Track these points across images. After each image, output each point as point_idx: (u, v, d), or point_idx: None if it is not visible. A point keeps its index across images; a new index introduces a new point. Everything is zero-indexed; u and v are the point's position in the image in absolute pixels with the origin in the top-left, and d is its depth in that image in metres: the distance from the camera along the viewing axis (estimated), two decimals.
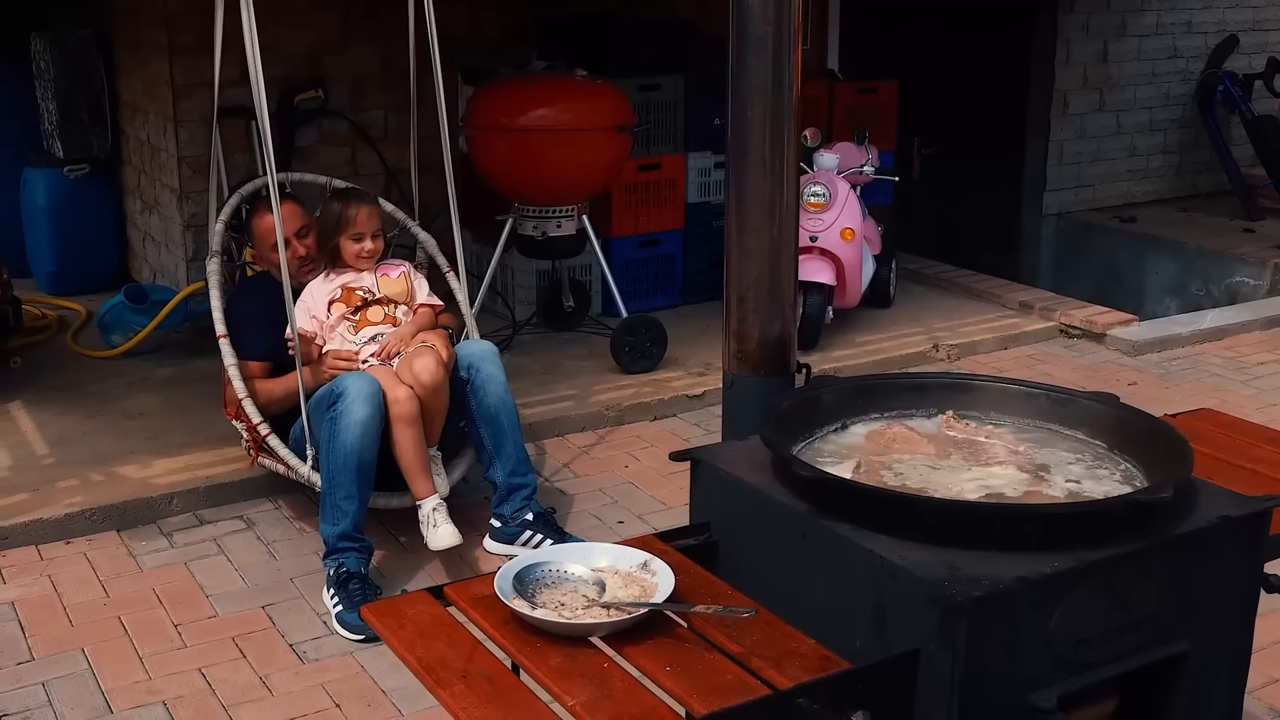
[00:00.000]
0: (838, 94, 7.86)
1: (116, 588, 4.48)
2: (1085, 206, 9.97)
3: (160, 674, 3.95)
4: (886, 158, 7.68)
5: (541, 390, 6.14)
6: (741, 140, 2.84)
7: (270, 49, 6.73)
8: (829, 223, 6.63)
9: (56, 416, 5.74)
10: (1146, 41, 9.97)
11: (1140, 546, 2.22)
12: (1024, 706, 2.16)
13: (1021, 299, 7.54)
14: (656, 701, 2.01)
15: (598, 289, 7.13)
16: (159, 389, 6.11)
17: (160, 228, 7.15)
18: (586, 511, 5.05)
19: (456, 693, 2.02)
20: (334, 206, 4.73)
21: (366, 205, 4.74)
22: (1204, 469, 2.83)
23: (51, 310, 7.15)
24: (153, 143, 7.05)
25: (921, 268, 8.12)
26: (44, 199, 7.41)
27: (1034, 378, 6.37)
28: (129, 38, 7.23)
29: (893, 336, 7.00)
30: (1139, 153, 10.20)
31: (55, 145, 7.41)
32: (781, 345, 2.90)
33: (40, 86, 7.47)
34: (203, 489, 5.06)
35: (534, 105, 6.24)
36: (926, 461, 2.56)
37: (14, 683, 3.90)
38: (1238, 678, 2.49)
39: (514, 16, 7.42)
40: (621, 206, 7.10)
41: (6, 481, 5.08)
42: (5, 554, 4.67)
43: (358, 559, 4.33)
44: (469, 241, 7.41)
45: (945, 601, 2.04)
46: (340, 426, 4.28)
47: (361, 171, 7.04)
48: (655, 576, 2.31)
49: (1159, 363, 6.84)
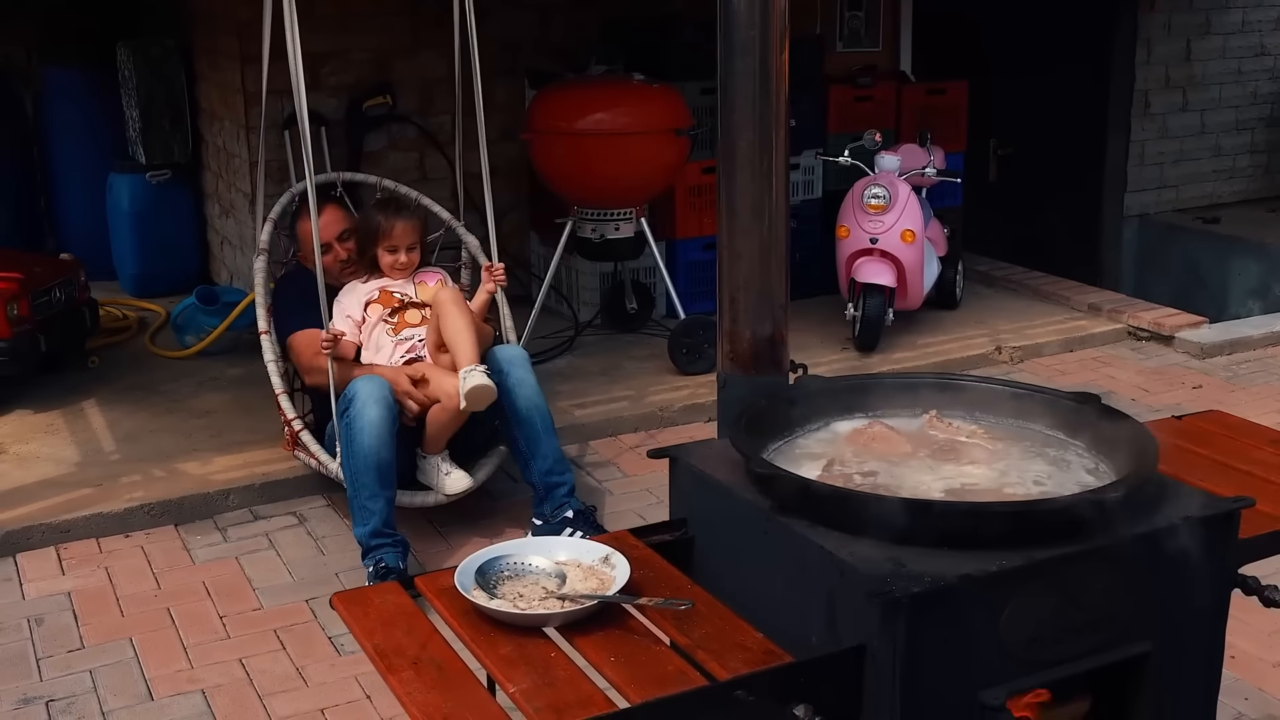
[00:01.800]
0: (906, 95, 7.83)
1: (168, 580, 4.62)
2: (1168, 207, 9.83)
3: (202, 663, 4.08)
4: (955, 159, 7.64)
5: (598, 391, 6.21)
6: (730, 143, 2.87)
7: (339, 56, 6.94)
8: (889, 224, 6.62)
9: (127, 415, 5.93)
10: (1232, 39, 9.81)
11: (1093, 546, 2.23)
12: (974, 704, 2.18)
13: (1090, 301, 7.47)
14: (595, 690, 2.06)
15: (661, 291, 7.18)
16: (227, 388, 6.27)
17: (235, 231, 7.34)
18: (630, 510, 5.10)
19: (405, 679, 2.09)
20: (374, 216, 4.85)
21: (403, 220, 4.84)
22: (1199, 470, 2.84)
23: (132, 312, 7.37)
24: (228, 148, 7.24)
25: (991, 269, 8.07)
26: (127, 203, 7.64)
27: (1097, 381, 6.37)
28: (206, 46, 7.44)
29: (956, 338, 6.97)
30: (1224, 152, 10.03)
31: (139, 151, 7.63)
32: (772, 345, 2.93)
33: (125, 94, 7.69)
34: (258, 485, 5.20)
35: (590, 109, 6.31)
36: (900, 460, 2.58)
37: (63, 669, 4.05)
38: (1210, 680, 2.49)
39: (581, 21, 7.50)
40: (685, 208, 7.15)
41: (73, 477, 5.26)
42: (67, 546, 4.85)
43: (394, 554, 4.44)
44: (536, 244, 7.53)
45: (884, 598, 2.07)
46: (355, 430, 4.40)
47: (430, 176, 7.17)
48: (615, 570, 2.36)
49: (1227, 365, 6.74)
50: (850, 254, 6.70)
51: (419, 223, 4.93)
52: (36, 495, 5.08)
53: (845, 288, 6.81)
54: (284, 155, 6.47)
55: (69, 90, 7.97)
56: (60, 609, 4.41)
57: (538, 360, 6.33)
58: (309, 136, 4.54)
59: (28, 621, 4.32)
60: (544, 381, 4.95)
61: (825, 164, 7.32)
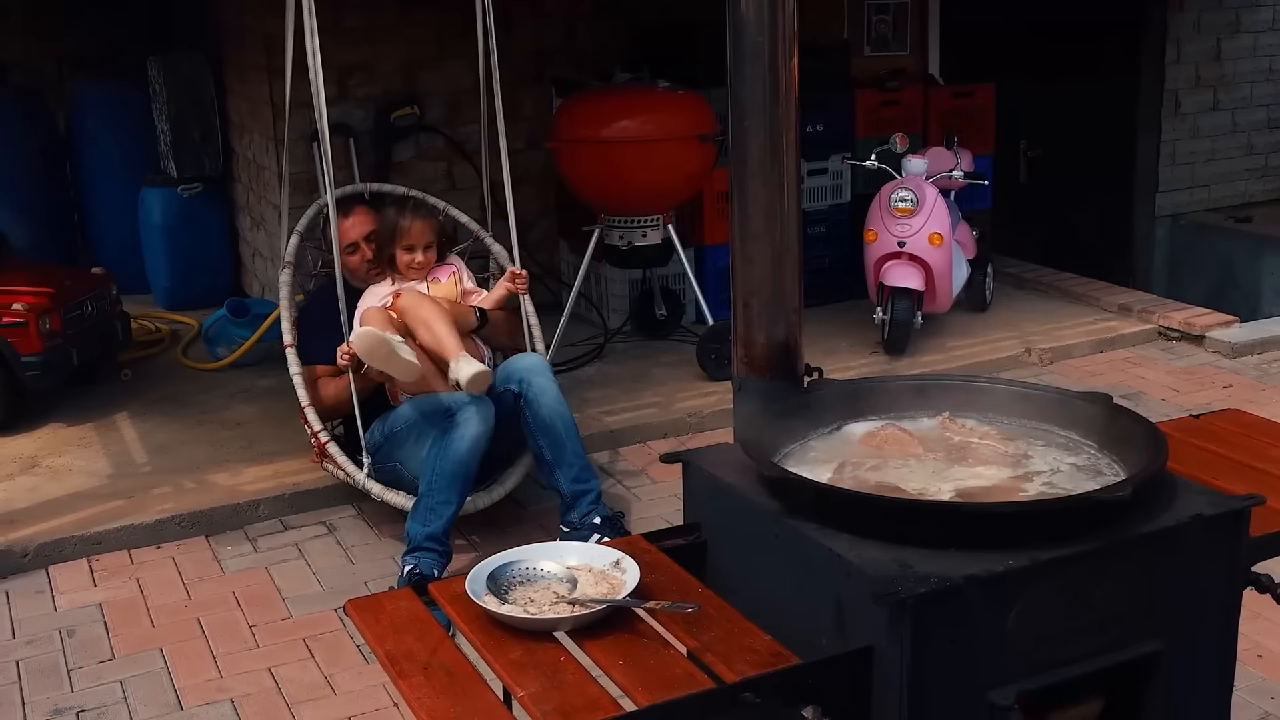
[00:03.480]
0: (933, 99, 7.81)
1: (199, 590, 4.66)
2: (1200, 207, 9.78)
3: (231, 673, 4.12)
4: (984, 161, 7.62)
5: (627, 398, 6.22)
6: (741, 149, 2.90)
7: (366, 67, 6.99)
8: (916, 228, 6.61)
9: (158, 427, 5.98)
10: (1262, 37, 9.75)
11: (1100, 545, 2.22)
12: (983, 704, 2.19)
13: (1121, 301, 7.43)
14: (602, 693, 2.07)
15: (690, 297, 7.19)
16: (258, 399, 6.32)
17: (267, 243, 7.39)
18: (658, 516, 5.11)
19: (415, 683, 2.11)
20: (391, 215, 4.89)
21: (420, 219, 4.89)
22: (1214, 469, 2.83)
23: (165, 325, 7.43)
24: (258, 161, 7.30)
25: (1021, 271, 8.04)
26: (159, 217, 7.71)
27: (1127, 382, 6.34)
28: (235, 60, 7.50)
29: (985, 341, 6.95)
30: (1257, 151, 9.97)
31: (170, 165, 7.69)
32: (786, 349, 2.94)
33: (156, 108, 7.76)
34: (288, 495, 5.24)
35: (615, 117, 6.33)
36: (911, 462, 2.58)
37: (94, 680, 4.09)
38: (1224, 678, 2.48)
39: (608, 29, 7.52)
40: (714, 214, 7.15)
41: (104, 489, 5.32)
42: (98, 558, 4.90)
43: (434, 562, 4.48)
44: (565, 252, 7.56)
45: (890, 599, 2.07)
46: (456, 436, 4.46)
47: (459, 185, 7.20)
48: (625, 574, 2.37)
49: (1258, 365, 6.69)
50: (878, 258, 6.70)
51: (434, 223, 4.95)
52: (68, 508, 5.13)
53: (874, 291, 6.80)
54: (312, 168, 6.52)
55: (100, 105, 8.05)
56: (92, 620, 4.46)
57: (567, 368, 6.37)
58: (329, 147, 4.57)
59: (59, 633, 4.37)
60: (573, 389, 4.97)
61: (853, 168, 7.31)
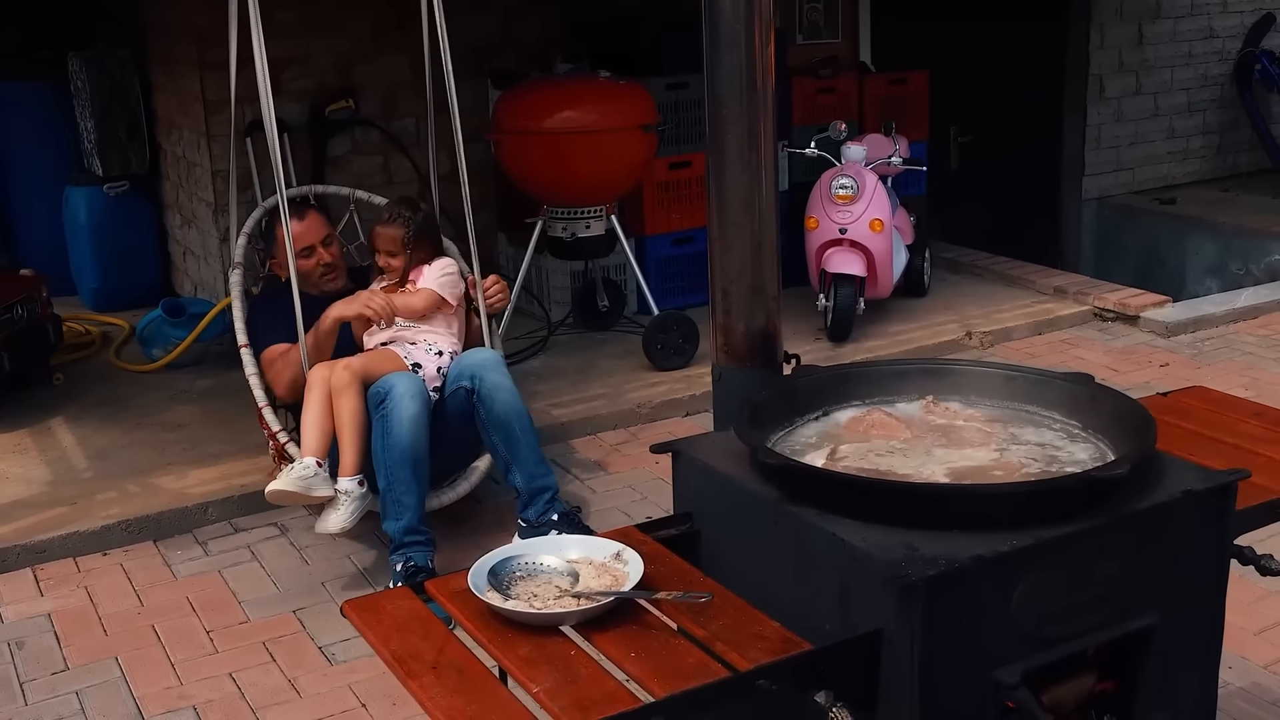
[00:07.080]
0: (868, 86, 7.86)
1: (151, 597, 4.58)
2: (1125, 190, 9.92)
3: (191, 679, 4.04)
4: (919, 148, 7.67)
5: (574, 390, 6.21)
6: (718, 137, 2.87)
7: (301, 61, 6.89)
8: (858, 214, 6.65)
9: (96, 431, 5.87)
10: (1182, 22, 9.91)
11: (1099, 523, 2.24)
12: (989, 683, 2.19)
13: (1056, 284, 7.53)
14: (618, 686, 2.05)
15: (632, 288, 7.18)
16: (198, 400, 6.22)
17: (198, 241, 7.28)
18: (615, 508, 5.10)
19: (425, 683, 2.08)
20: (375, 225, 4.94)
21: (382, 227, 4.89)
22: (1188, 445, 2.86)
23: (95, 327, 7.30)
24: (188, 158, 7.18)
25: (958, 256, 8.12)
26: (85, 217, 7.56)
27: (1067, 362, 6.42)
28: (163, 54, 7.37)
29: (926, 326, 7.01)
30: (1178, 134, 10.14)
31: (95, 163, 7.55)
32: (766, 337, 2.94)
33: (79, 106, 7.61)
34: (237, 497, 5.16)
35: (557, 108, 6.31)
36: (901, 446, 2.59)
37: (48, 692, 4.00)
38: (1211, 649, 2.51)
39: (546, 21, 7.49)
40: (654, 205, 7.16)
41: (45, 496, 5.20)
42: (44, 567, 4.79)
43: (423, 552, 4.45)
44: (504, 245, 7.51)
45: (900, 581, 2.07)
46: (392, 423, 4.42)
47: (395, 179, 7.14)
48: (627, 566, 2.36)
49: (1192, 343, 6.80)
50: (820, 245, 6.73)
51: (399, 229, 4.91)
52: (8, 516, 5.02)
53: (816, 278, 6.83)
54: (246, 163, 6.43)
55: (22, 103, 7.86)
56: (41, 631, 4.36)
57: (512, 361, 6.32)
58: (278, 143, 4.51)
59: (8, 645, 4.26)
60: (520, 382, 4.93)
61: (791, 156, 7.33)
